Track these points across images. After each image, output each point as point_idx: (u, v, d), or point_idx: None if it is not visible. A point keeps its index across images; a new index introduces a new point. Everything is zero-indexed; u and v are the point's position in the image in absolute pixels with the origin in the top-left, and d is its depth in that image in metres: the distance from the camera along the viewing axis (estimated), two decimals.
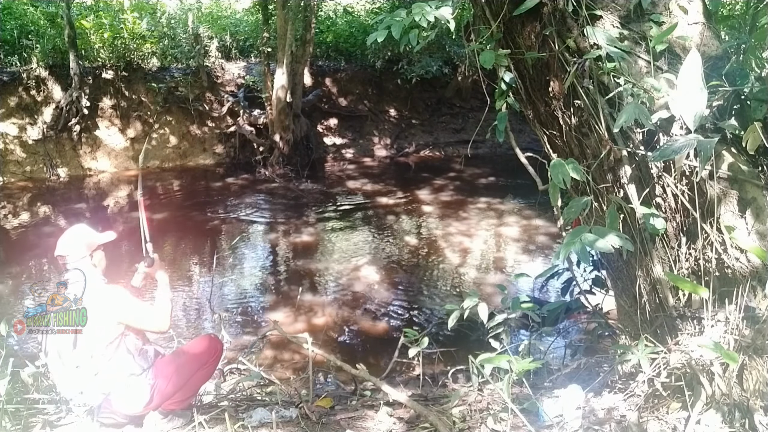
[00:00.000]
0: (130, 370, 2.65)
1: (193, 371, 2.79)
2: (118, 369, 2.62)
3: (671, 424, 2.26)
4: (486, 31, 2.69)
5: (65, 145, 10.64)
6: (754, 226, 2.21)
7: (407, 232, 8.06)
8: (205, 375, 2.92)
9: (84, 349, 2.56)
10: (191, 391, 2.87)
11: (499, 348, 2.81)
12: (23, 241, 7.61)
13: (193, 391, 2.89)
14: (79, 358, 2.56)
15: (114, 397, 2.62)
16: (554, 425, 2.41)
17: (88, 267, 2.72)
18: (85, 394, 2.59)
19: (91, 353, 2.57)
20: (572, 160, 2.39)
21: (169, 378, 2.70)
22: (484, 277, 6.44)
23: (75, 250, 2.71)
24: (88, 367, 2.57)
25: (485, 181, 10.95)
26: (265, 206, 9.38)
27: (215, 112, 11.82)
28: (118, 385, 2.61)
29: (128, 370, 2.64)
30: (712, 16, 2.50)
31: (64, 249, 2.71)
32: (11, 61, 10.60)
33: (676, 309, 2.40)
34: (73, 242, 2.74)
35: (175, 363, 2.77)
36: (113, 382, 2.61)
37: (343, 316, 5.43)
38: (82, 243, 2.74)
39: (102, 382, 2.59)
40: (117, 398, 2.62)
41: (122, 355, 2.65)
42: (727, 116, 2.28)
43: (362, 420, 2.82)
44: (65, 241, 2.74)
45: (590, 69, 2.35)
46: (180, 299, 5.84)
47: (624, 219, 2.43)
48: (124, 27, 11.08)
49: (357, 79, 13.31)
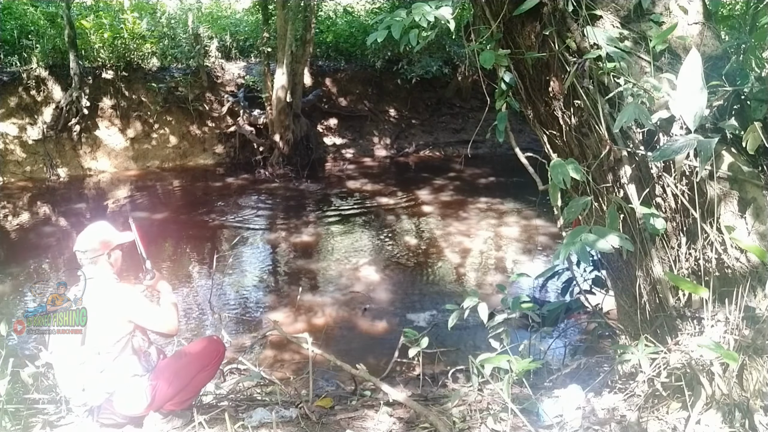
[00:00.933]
0: (134, 370, 2.65)
1: (195, 373, 2.80)
2: (122, 368, 2.62)
3: (671, 424, 2.26)
4: (486, 31, 2.69)
5: (65, 145, 10.64)
6: (754, 226, 2.21)
7: (407, 232, 8.06)
8: (207, 377, 2.92)
9: (92, 346, 2.57)
10: (192, 393, 2.87)
11: (499, 348, 2.81)
12: (23, 241, 7.61)
13: (194, 392, 2.89)
14: (86, 354, 2.57)
15: (115, 398, 2.62)
16: (554, 425, 2.41)
17: (105, 265, 2.73)
18: (87, 392, 2.60)
19: (98, 350, 2.57)
20: (572, 160, 2.39)
21: (170, 380, 2.71)
22: (484, 277, 6.44)
23: (94, 247, 2.71)
24: (94, 364, 2.58)
25: (485, 181, 10.95)
26: (265, 206, 9.38)
27: (215, 112, 11.82)
28: (121, 385, 2.62)
29: (132, 371, 2.65)
30: (712, 16, 2.50)
31: (84, 245, 2.71)
32: (11, 61, 10.61)
33: (676, 309, 2.40)
34: (93, 239, 2.74)
35: (176, 365, 2.77)
36: (117, 381, 2.61)
37: (343, 316, 5.43)
38: (102, 240, 2.75)
39: (106, 380, 2.60)
40: (118, 399, 2.63)
41: (128, 355, 2.66)
42: (727, 116, 2.28)
43: (362, 420, 2.82)
44: (85, 237, 2.74)
45: (590, 69, 2.35)
46: (180, 299, 5.83)
47: (624, 219, 2.43)
48: (124, 27, 11.09)
49: (357, 79, 13.31)
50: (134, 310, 2.66)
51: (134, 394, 2.64)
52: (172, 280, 6.24)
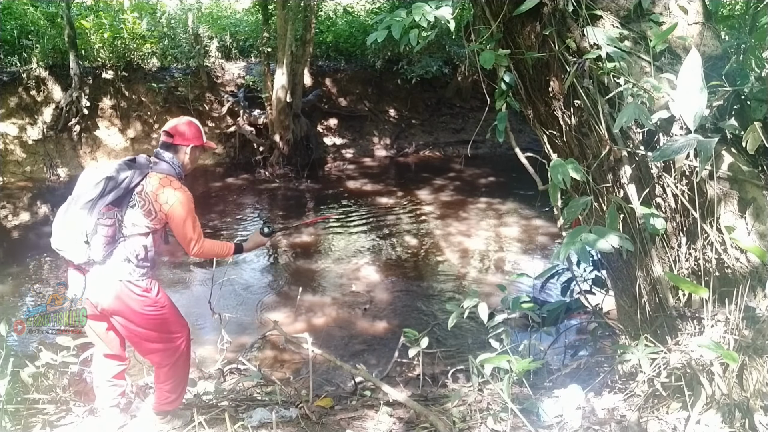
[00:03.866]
0: (128, 267, 2.54)
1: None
2: (122, 252, 2.53)
3: (671, 424, 2.26)
4: (486, 31, 2.69)
5: (65, 145, 10.63)
6: (754, 226, 2.21)
7: (407, 232, 8.05)
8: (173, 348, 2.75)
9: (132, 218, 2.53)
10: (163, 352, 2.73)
11: (499, 348, 2.81)
12: (23, 241, 7.61)
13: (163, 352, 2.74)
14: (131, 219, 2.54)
15: (114, 256, 2.53)
16: (554, 425, 2.41)
17: (180, 156, 2.70)
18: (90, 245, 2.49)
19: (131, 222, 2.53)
20: (572, 160, 2.39)
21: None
22: (484, 277, 6.44)
23: (184, 133, 2.69)
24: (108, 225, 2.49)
25: (485, 181, 10.95)
26: (264, 206, 9.38)
27: (215, 112, 11.81)
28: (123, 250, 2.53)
29: (126, 266, 2.54)
30: (712, 16, 2.50)
31: (177, 127, 2.70)
32: (11, 61, 10.60)
33: (676, 309, 2.40)
34: (188, 126, 2.72)
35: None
36: (115, 260, 2.52)
37: (343, 316, 5.43)
38: (194, 132, 2.74)
39: (99, 246, 2.48)
40: (117, 256, 2.53)
41: (136, 244, 2.55)
42: (727, 116, 2.28)
43: (362, 420, 2.82)
44: (181, 122, 2.73)
45: (590, 69, 2.35)
46: (180, 299, 5.84)
47: (624, 219, 2.43)
48: (124, 27, 11.08)
49: (357, 79, 13.30)
50: (179, 210, 2.58)
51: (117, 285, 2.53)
52: (173, 280, 6.25)
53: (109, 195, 2.48)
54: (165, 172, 2.64)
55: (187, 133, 2.72)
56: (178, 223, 2.61)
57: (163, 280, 6.22)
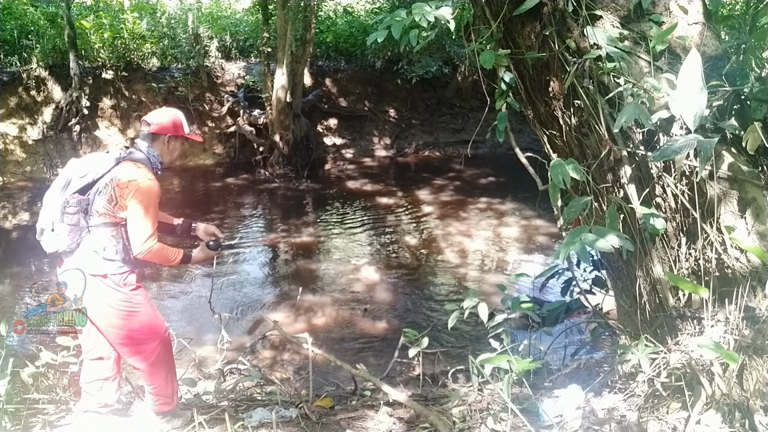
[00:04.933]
0: (96, 258, 2.51)
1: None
2: (89, 243, 2.52)
3: (671, 424, 2.26)
4: (486, 31, 2.69)
5: (65, 145, 10.63)
6: (754, 226, 2.21)
7: (407, 232, 8.05)
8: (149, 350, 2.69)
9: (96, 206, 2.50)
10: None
11: (499, 348, 2.81)
12: (23, 241, 7.61)
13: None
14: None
15: (82, 248, 2.51)
16: (554, 425, 2.41)
17: (158, 147, 2.65)
18: (55, 233, 2.48)
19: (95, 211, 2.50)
20: (572, 160, 2.39)
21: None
22: (484, 277, 6.44)
23: (163, 123, 2.64)
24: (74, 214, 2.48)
25: (485, 181, 10.95)
26: (264, 206, 9.38)
27: (215, 112, 11.81)
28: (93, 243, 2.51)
29: (95, 258, 2.51)
30: (712, 16, 2.50)
31: (156, 117, 2.65)
32: (11, 61, 10.60)
33: (676, 309, 2.40)
34: (167, 116, 2.68)
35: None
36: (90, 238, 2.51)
37: (343, 316, 5.43)
38: (175, 121, 2.68)
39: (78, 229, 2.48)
40: (85, 248, 2.51)
41: (102, 235, 2.51)
42: (727, 116, 2.28)
43: (362, 420, 2.82)
44: (161, 112, 2.70)
45: (590, 69, 2.35)
46: (180, 299, 5.84)
47: (624, 219, 2.43)
48: (124, 27, 11.08)
49: (357, 79, 13.30)
50: (135, 199, 2.48)
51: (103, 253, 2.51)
52: (173, 281, 6.24)
53: (76, 182, 2.48)
54: (137, 161, 2.59)
55: (165, 123, 2.65)
56: (135, 212, 2.48)
57: (162, 279, 6.22)
